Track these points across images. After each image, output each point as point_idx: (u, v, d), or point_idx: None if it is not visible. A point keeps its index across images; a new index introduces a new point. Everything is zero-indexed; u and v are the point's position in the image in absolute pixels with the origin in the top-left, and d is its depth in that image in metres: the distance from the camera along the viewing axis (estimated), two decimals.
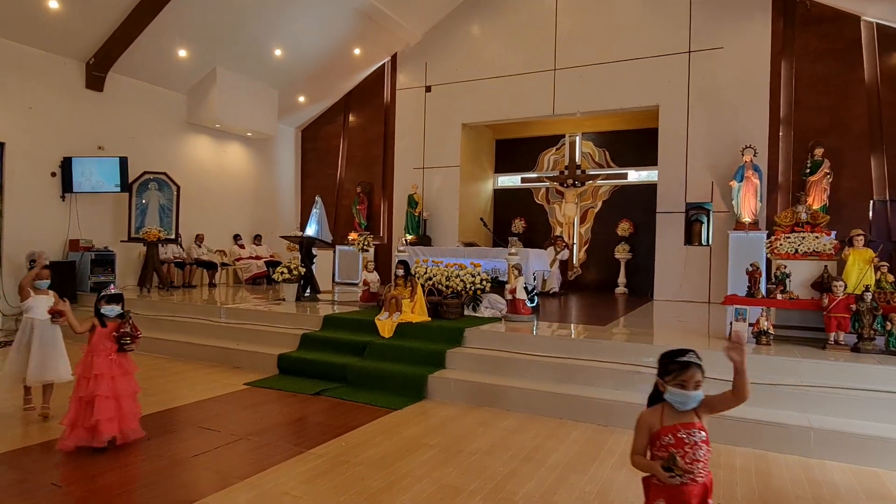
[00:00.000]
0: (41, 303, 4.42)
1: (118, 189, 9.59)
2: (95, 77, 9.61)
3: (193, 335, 7.06)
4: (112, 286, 3.70)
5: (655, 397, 2.12)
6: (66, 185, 9.18)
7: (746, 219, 8.87)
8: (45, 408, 4.42)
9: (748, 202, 8.85)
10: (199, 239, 11.25)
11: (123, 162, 9.60)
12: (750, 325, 5.27)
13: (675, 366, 2.04)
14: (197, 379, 5.80)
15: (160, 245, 9.94)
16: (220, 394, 5.21)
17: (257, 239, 12.46)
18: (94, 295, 9.06)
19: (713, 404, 2.03)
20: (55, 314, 4.32)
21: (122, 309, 3.83)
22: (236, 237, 12.16)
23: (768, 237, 7.77)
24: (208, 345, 6.67)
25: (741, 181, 8.87)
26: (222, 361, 6.44)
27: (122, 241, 9.86)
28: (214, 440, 4.00)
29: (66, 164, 9.18)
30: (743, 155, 8.94)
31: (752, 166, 8.86)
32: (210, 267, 11.12)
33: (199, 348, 6.68)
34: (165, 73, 10.51)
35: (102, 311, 3.73)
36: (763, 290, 5.66)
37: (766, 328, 5.16)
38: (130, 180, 9.82)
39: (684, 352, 2.05)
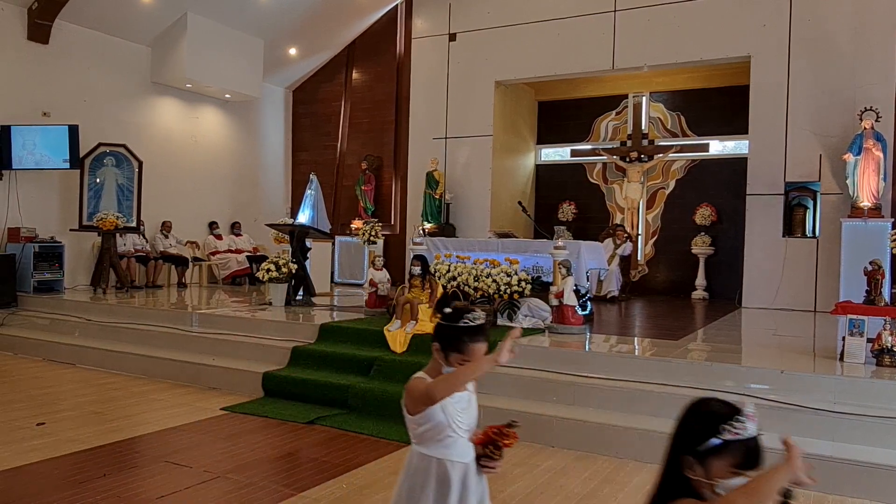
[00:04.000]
0: (468, 413, 2.26)
1: (67, 165, 9.79)
2: (39, 26, 9.80)
3: (159, 347, 7.18)
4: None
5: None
6: (4, 161, 9.40)
7: (865, 203, 8.72)
8: None
9: (868, 181, 8.70)
10: (165, 228, 11.44)
11: (73, 131, 9.79)
12: (869, 341, 5.19)
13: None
14: (164, 402, 5.92)
15: (118, 235, 10.14)
16: (192, 420, 5.30)
17: (237, 227, 12.61)
18: (40, 298, 9.46)
19: None
20: (495, 446, 2.17)
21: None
22: (212, 225, 12.33)
23: (894, 227, 7.62)
24: (177, 360, 6.79)
25: (858, 154, 8.73)
26: (194, 380, 6.54)
27: (71, 230, 10.07)
28: (185, 478, 4.06)
29: (4, 134, 9.40)
30: (861, 120, 8.77)
31: (873, 135, 8.69)
32: (179, 262, 11.31)
33: (166, 364, 6.79)
34: (125, 20, 10.67)
35: None
36: (886, 296, 5.55)
37: (889, 345, 5.08)
38: (82, 154, 10.01)
39: None
